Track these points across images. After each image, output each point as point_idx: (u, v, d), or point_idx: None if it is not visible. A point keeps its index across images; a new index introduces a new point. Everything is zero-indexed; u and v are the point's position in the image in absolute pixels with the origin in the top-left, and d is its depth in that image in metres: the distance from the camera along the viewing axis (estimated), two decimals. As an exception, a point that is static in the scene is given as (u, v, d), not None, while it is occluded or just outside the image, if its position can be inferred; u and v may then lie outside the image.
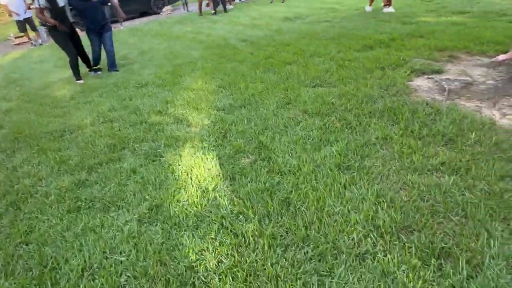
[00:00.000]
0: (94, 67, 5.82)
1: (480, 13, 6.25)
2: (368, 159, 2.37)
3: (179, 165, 2.63)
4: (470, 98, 3.06)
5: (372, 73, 3.88)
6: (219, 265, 1.70)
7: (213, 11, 11.05)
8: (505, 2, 6.85)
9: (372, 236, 1.74)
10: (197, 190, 2.30)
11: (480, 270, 1.50)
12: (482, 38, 4.61)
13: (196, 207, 2.13)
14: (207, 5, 12.57)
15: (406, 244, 1.66)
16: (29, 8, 9.58)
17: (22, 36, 11.18)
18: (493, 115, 2.72)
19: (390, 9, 7.35)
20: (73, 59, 5.32)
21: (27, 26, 9.90)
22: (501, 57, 3.77)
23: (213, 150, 2.77)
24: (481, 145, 2.32)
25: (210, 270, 1.68)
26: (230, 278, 1.61)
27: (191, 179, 2.43)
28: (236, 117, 3.27)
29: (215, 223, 1.97)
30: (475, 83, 3.32)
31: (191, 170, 2.54)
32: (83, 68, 5.76)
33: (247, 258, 1.71)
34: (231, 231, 1.90)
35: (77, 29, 5.63)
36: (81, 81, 5.41)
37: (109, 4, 6.23)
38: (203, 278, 1.64)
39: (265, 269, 1.63)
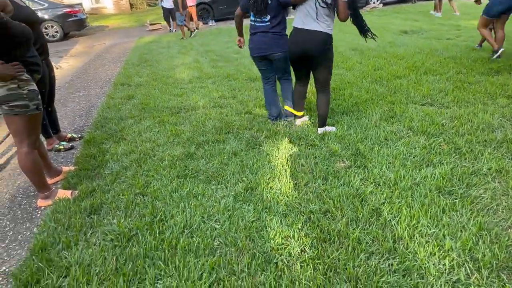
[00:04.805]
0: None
1: None
2: (475, 188, 2.20)
3: (276, 156, 2.80)
4: None
5: (495, 100, 3.52)
6: (302, 254, 1.80)
7: None
8: None
9: (467, 267, 1.64)
10: (289, 182, 2.43)
11: None
12: None
13: (287, 197, 2.27)
14: None
15: (507, 284, 1.53)
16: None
17: (155, 24, 12.84)
18: None
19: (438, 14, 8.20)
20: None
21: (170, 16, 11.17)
22: None
23: (309, 149, 2.87)
24: None
25: (293, 256, 1.79)
26: (312, 267, 1.70)
27: (285, 171, 2.58)
28: (336, 122, 3.31)
29: (303, 215, 2.08)
30: None
31: (287, 163, 2.68)
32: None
33: (330, 254, 1.77)
34: (317, 226, 1.98)
35: None
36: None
37: None
38: (286, 261, 1.76)
39: (346, 268, 1.68)
